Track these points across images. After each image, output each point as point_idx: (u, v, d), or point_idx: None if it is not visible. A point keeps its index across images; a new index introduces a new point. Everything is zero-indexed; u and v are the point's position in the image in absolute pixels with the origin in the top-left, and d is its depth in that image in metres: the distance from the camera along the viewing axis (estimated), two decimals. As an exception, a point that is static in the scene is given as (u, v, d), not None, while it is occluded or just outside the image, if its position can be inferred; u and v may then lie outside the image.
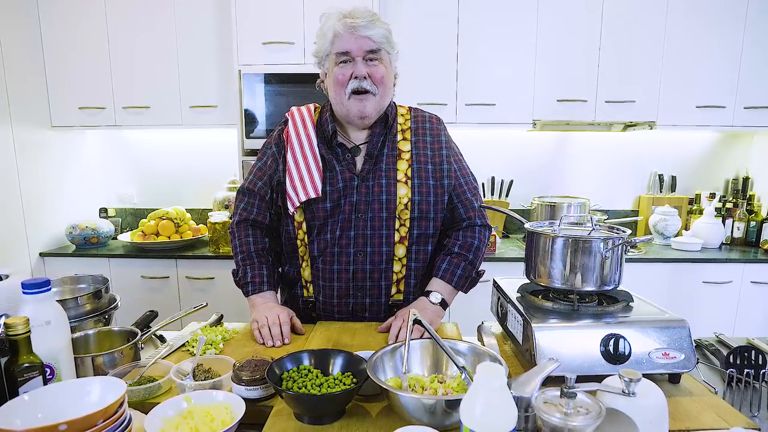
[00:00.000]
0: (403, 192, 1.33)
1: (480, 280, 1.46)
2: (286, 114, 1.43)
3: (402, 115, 1.43)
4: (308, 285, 1.41)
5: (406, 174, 1.35)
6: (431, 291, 1.36)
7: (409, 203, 1.33)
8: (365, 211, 1.33)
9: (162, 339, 1.30)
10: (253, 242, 1.43)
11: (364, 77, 1.27)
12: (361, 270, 1.35)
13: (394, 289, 1.38)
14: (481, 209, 1.44)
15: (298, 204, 1.32)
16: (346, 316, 1.39)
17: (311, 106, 1.44)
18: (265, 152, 1.44)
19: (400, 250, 1.36)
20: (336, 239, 1.34)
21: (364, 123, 1.34)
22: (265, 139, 1.48)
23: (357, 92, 1.28)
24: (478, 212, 1.43)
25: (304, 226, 1.36)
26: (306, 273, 1.40)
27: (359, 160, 1.36)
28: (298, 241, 1.38)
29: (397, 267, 1.37)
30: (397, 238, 1.35)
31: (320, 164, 1.33)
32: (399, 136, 1.39)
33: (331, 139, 1.35)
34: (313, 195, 1.30)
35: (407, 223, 1.34)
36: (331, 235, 1.34)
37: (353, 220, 1.33)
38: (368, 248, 1.34)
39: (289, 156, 1.35)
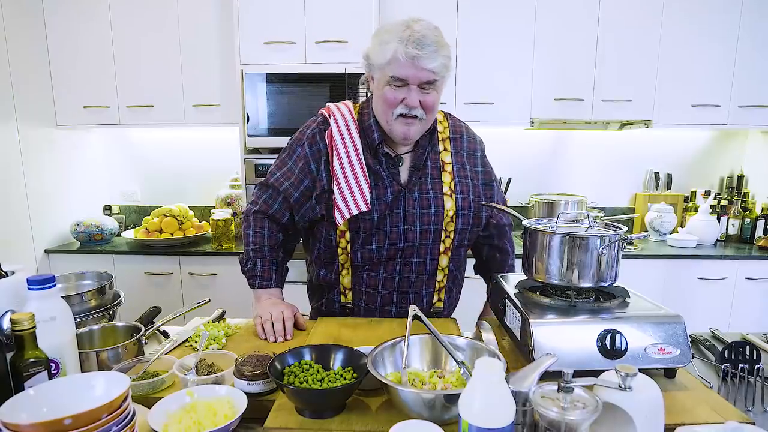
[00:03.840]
0: (449, 205, 1.33)
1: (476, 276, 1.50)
2: (323, 110, 1.37)
3: (440, 122, 1.41)
4: (347, 292, 1.39)
5: (450, 187, 1.35)
6: None
7: (455, 216, 1.34)
8: (413, 223, 1.31)
9: (165, 334, 1.31)
10: (268, 235, 1.40)
11: (417, 105, 1.23)
12: (406, 279, 1.35)
13: (435, 298, 1.39)
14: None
15: (347, 217, 1.28)
16: None
17: (350, 104, 1.38)
18: (296, 150, 1.37)
19: (444, 261, 1.37)
20: (383, 249, 1.32)
21: (406, 143, 1.32)
22: (295, 135, 1.40)
23: (404, 115, 1.24)
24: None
25: (347, 235, 1.33)
26: (346, 280, 1.38)
27: (403, 171, 1.35)
28: (340, 249, 1.35)
29: (440, 276, 1.38)
30: (441, 249, 1.35)
31: (368, 175, 1.29)
32: (440, 146, 1.38)
33: (377, 147, 1.32)
34: (364, 209, 1.27)
35: (452, 235, 1.35)
36: (377, 246, 1.32)
37: (402, 231, 1.32)
38: (415, 258, 1.34)
39: (336, 164, 1.30)
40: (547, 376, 0.77)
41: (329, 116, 1.35)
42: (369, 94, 1.36)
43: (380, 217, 1.30)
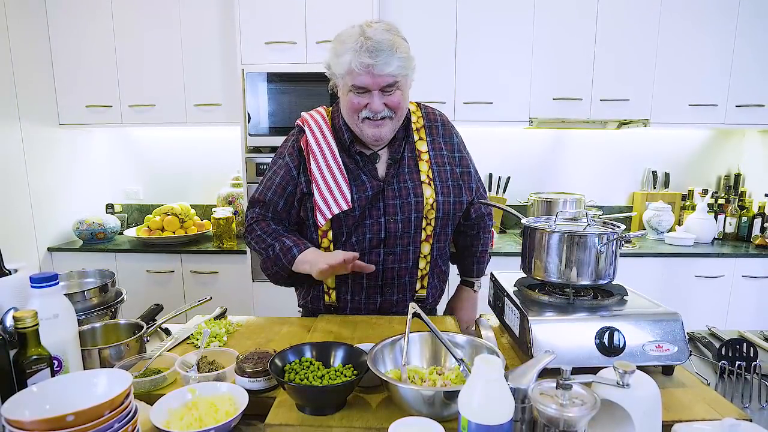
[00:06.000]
0: (429, 193, 1.35)
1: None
2: (298, 121, 1.39)
3: (413, 112, 1.42)
4: (331, 291, 1.40)
5: (428, 175, 1.36)
6: (473, 281, 1.56)
7: (435, 203, 1.35)
8: (394, 214, 1.33)
9: (167, 332, 1.32)
10: (274, 227, 1.38)
11: (381, 110, 1.24)
12: (390, 269, 1.37)
13: (418, 285, 1.41)
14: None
15: (330, 217, 1.30)
16: (373, 314, 1.39)
17: (322, 111, 1.40)
18: (276, 162, 1.40)
19: (426, 248, 1.38)
20: (365, 242, 1.34)
21: (378, 145, 1.34)
22: (277, 149, 1.44)
23: (371, 119, 1.26)
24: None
25: (329, 234, 1.35)
26: (329, 280, 1.39)
27: (380, 166, 1.36)
28: (322, 249, 1.37)
29: (422, 264, 1.39)
30: (423, 236, 1.37)
31: (345, 175, 1.31)
32: (415, 136, 1.39)
33: (349, 147, 1.34)
34: (345, 207, 1.29)
35: (433, 222, 1.36)
36: (357, 239, 1.34)
37: (383, 223, 1.33)
38: (398, 248, 1.36)
39: (313, 166, 1.32)
40: (545, 373, 0.78)
41: (303, 125, 1.38)
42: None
43: (361, 213, 1.33)
